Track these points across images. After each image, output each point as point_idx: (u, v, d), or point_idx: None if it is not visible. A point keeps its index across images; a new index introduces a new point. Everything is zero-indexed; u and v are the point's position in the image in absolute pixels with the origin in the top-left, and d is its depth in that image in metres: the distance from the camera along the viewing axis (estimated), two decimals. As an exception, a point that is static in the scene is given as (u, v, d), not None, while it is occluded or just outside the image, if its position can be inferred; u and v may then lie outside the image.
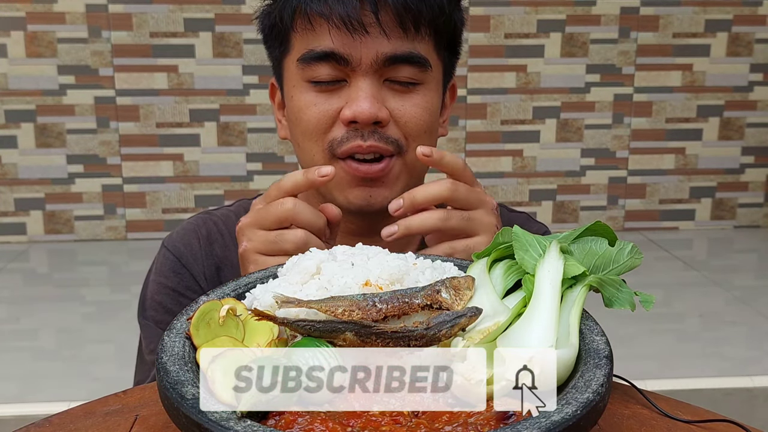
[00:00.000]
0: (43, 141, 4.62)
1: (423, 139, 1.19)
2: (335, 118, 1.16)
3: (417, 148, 1.10)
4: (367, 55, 1.13)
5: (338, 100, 1.16)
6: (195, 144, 4.72)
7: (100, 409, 0.85)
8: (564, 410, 0.66)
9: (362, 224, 1.25)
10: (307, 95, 1.17)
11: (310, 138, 1.18)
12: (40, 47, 4.51)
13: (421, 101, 1.18)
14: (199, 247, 1.31)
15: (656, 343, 3.38)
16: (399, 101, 1.17)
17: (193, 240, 1.32)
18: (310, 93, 1.17)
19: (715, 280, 4.19)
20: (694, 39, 4.87)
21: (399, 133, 1.17)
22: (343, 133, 1.15)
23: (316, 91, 1.17)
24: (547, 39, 4.80)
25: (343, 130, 1.16)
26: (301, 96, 1.18)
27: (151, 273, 1.34)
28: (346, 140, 1.15)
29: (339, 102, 1.16)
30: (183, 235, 1.33)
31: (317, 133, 1.17)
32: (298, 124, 1.20)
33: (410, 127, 1.18)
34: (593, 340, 0.78)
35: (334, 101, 1.16)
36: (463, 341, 0.77)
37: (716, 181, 5.09)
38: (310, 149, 1.19)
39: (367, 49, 1.13)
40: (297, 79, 1.18)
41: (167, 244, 1.34)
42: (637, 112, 4.95)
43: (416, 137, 1.18)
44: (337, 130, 1.16)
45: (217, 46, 4.62)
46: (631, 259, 0.88)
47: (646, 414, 0.85)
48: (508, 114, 4.87)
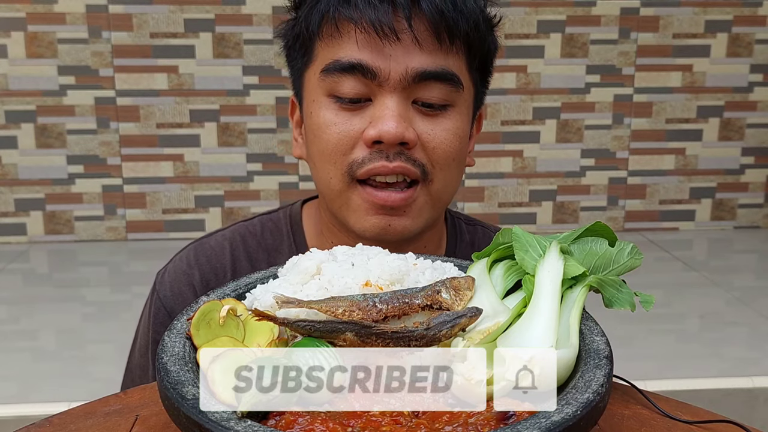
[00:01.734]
0: (44, 141, 4.62)
1: (452, 168, 1.11)
2: (357, 139, 1.07)
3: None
4: (396, 70, 1.04)
5: (361, 120, 1.07)
6: (195, 144, 4.72)
7: (101, 409, 0.85)
8: (564, 410, 0.66)
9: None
10: (328, 112, 1.08)
11: (328, 159, 1.09)
12: (40, 48, 4.51)
13: (451, 126, 1.09)
14: (193, 297, 1.19)
15: (656, 344, 3.37)
16: (428, 124, 1.08)
17: (186, 290, 1.21)
18: (330, 110, 1.08)
19: (715, 281, 4.18)
20: (694, 40, 4.87)
21: (425, 158, 1.08)
22: (366, 154, 1.06)
23: (337, 109, 1.07)
24: (547, 39, 4.80)
25: (365, 152, 1.06)
26: (321, 113, 1.09)
27: (142, 317, 1.25)
28: (369, 161, 1.06)
29: (362, 123, 1.06)
30: (173, 283, 1.22)
31: (336, 154, 1.08)
32: (316, 143, 1.10)
33: (438, 154, 1.08)
34: (593, 341, 0.78)
35: (357, 122, 1.07)
36: (463, 341, 0.77)
37: (716, 181, 5.09)
38: (327, 171, 1.10)
39: (397, 63, 1.04)
40: (318, 93, 1.09)
41: (159, 291, 1.22)
42: (637, 113, 4.95)
43: (444, 165, 1.10)
44: (358, 152, 1.07)
45: (218, 47, 4.62)
46: (631, 260, 0.88)
47: (646, 414, 0.85)
48: (508, 114, 4.87)
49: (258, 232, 1.25)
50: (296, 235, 1.24)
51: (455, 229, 1.29)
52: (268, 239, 1.24)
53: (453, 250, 1.28)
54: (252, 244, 1.24)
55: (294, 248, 1.23)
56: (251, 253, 1.23)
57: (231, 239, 1.24)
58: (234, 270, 1.22)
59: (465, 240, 1.29)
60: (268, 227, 1.26)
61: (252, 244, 1.24)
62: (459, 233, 1.29)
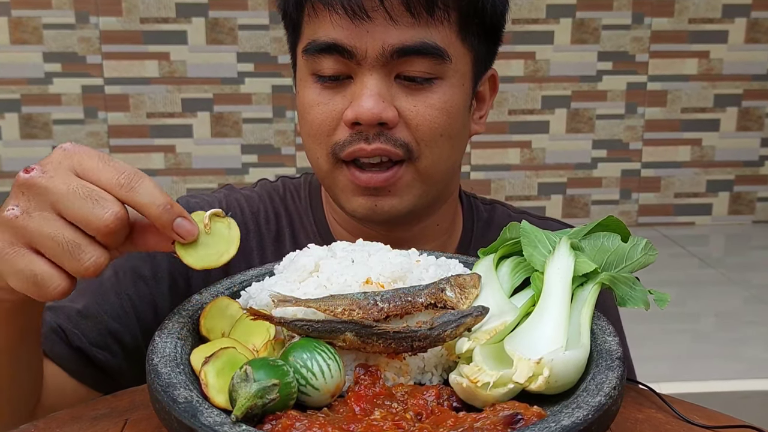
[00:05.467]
0: (28, 132, 4.62)
1: (440, 144, 1.11)
2: (339, 119, 1.09)
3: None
4: (373, 47, 1.05)
5: (342, 99, 1.09)
6: (187, 135, 4.72)
7: (88, 413, 0.85)
8: (575, 414, 0.66)
9: (380, 231, 1.19)
10: (311, 91, 1.11)
11: (314, 140, 1.12)
12: (25, 33, 4.51)
13: (437, 100, 1.09)
14: None
15: (670, 344, 3.38)
16: (411, 100, 1.08)
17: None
18: (314, 89, 1.11)
19: (732, 278, 4.18)
20: (711, 25, 4.86)
21: (409, 137, 1.09)
22: (347, 136, 1.09)
23: (320, 88, 1.10)
24: (556, 25, 4.79)
25: (347, 133, 1.09)
26: (306, 92, 1.12)
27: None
28: (349, 143, 1.08)
29: (343, 102, 1.09)
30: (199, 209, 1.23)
31: (321, 135, 1.11)
32: (303, 123, 1.15)
33: (423, 131, 1.09)
34: (605, 341, 0.78)
35: (338, 101, 1.09)
36: (468, 342, 0.77)
37: (734, 173, 5.09)
38: (314, 152, 1.14)
39: (373, 39, 1.05)
40: (304, 72, 1.13)
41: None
42: (651, 102, 4.95)
43: (430, 142, 1.10)
44: (340, 133, 1.09)
45: (211, 33, 4.62)
46: (644, 256, 0.88)
47: (661, 418, 0.85)
48: (515, 104, 4.87)
49: (281, 192, 1.30)
50: (314, 201, 1.28)
51: (471, 209, 1.31)
52: (289, 201, 1.29)
53: (470, 228, 1.29)
54: (276, 200, 1.29)
55: (311, 214, 1.27)
56: (276, 209, 1.27)
57: (259, 194, 1.29)
58: (257, 218, 1.25)
59: (482, 218, 1.31)
60: (289, 189, 1.31)
61: (276, 201, 1.28)
62: (476, 212, 1.31)
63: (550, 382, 0.71)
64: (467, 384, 0.73)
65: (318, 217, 1.26)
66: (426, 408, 0.73)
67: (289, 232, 1.25)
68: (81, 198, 0.75)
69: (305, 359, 0.72)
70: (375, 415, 0.70)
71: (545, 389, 0.72)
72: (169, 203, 0.77)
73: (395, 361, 0.78)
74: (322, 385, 0.72)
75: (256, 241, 1.24)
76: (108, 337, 1.10)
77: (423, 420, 0.71)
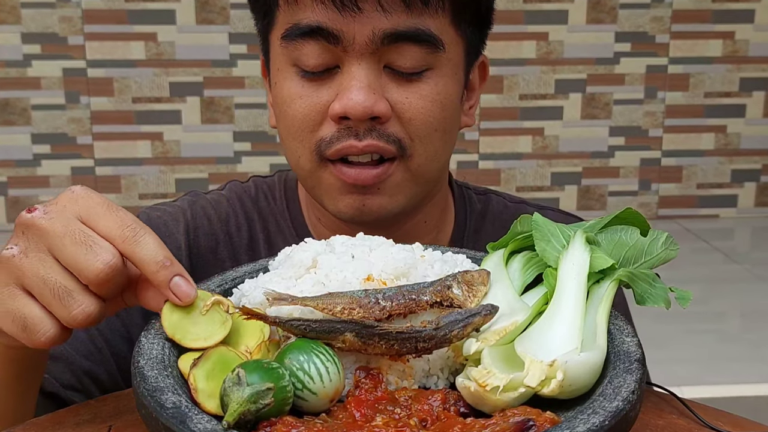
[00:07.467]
0: (5, 118, 4.62)
1: (434, 139, 1.10)
2: (324, 114, 1.07)
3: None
4: (361, 32, 1.03)
5: (328, 91, 1.06)
6: (176, 121, 4.72)
7: (71, 419, 0.85)
8: (590, 420, 0.66)
9: (364, 231, 1.18)
10: (292, 84, 1.08)
11: (295, 137, 1.10)
12: (1, 13, 4.51)
13: (430, 92, 1.08)
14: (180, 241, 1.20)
15: (693, 345, 3.38)
16: (402, 92, 1.07)
17: (173, 226, 1.22)
18: (295, 81, 1.08)
19: (759, 275, 4.18)
20: (736, 3, 4.86)
21: (402, 132, 1.08)
22: (333, 132, 1.06)
23: (302, 80, 1.08)
24: (571, 3, 4.78)
25: (333, 128, 1.06)
26: (286, 84, 1.09)
27: None
28: (337, 140, 1.06)
29: (329, 94, 1.06)
30: (163, 224, 1.22)
31: (303, 131, 1.09)
32: (282, 118, 1.12)
33: (416, 125, 1.08)
34: (623, 342, 0.78)
35: (324, 93, 1.07)
36: (476, 343, 0.77)
37: (761, 163, 5.09)
38: (295, 150, 1.11)
39: (362, 24, 1.03)
40: (282, 61, 1.10)
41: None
42: (672, 86, 4.94)
43: (424, 137, 1.09)
44: (326, 128, 1.07)
45: (201, 12, 4.61)
46: (665, 251, 0.88)
47: (683, 425, 0.85)
48: (527, 88, 4.87)
49: (252, 194, 1.28)
50: (290, 201, 1.27)
51: (464, 200, 1.30)
52: (262, 202, 1.27)
53: (463, 221, 1.28)
54: (248, 204, 1.27)
55: (287, 216, 1.25)
56: (248, 212, 1.26)
57: (228, 196, 1.28)
58: (227, 225, 1.24)
59: (476, 209, 1.30)
60: (262, 190, 1.29)
61: (248, 204, 1.27)
62: (469, 203, 1.30)
63: (564, 385, 0.72)
64: (475, 388, 0.73)
65: (296, 218, 1.25)
66: (431, 414, 0.73)
67: (263, 237, 1.24)
68: (75, 243, 0.76)
69: (302, 361, 0.72)
70: (377, 421, 0.70)
71: (559, 393, 0.72)
72: (169, 260, 0.78)
73: (398, 363, 0.78)
74: (320, 389, 0.72)
75: (228, 252, 1.22)
76: (83, 378, 1.09)
77: (428, 426, 0.71)
